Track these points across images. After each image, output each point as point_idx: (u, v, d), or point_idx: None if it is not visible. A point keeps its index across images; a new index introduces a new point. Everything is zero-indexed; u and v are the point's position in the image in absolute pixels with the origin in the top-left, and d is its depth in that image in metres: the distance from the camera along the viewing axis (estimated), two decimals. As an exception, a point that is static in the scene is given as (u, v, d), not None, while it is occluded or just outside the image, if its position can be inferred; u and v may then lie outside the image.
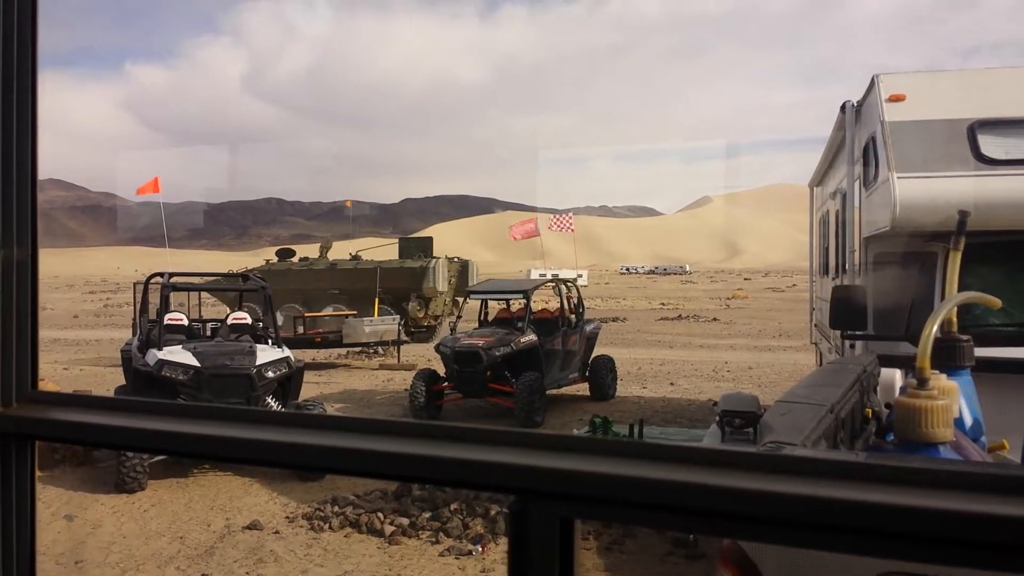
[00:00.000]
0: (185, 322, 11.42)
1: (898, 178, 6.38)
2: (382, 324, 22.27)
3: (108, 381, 16.19)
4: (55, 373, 17.37)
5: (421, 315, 25.04)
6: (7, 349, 0.93)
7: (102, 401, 0.95)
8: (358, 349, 22.50)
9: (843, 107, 8.09)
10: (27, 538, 0.93)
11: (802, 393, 2.75)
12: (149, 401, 0.93)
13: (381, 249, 29.52)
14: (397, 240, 28.87)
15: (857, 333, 6.44)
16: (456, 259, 26.93)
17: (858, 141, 7.91)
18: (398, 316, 23.57)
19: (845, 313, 6.08)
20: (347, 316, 23.35)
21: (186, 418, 0.89)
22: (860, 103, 7.82)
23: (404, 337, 21.95)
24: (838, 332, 7.09)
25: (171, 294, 11.15)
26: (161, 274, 11.76)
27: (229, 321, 11.44)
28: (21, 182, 0.94)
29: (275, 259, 27.72)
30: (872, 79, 7.22)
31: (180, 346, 9.87)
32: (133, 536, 7.49)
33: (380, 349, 22.20)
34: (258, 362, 9.53)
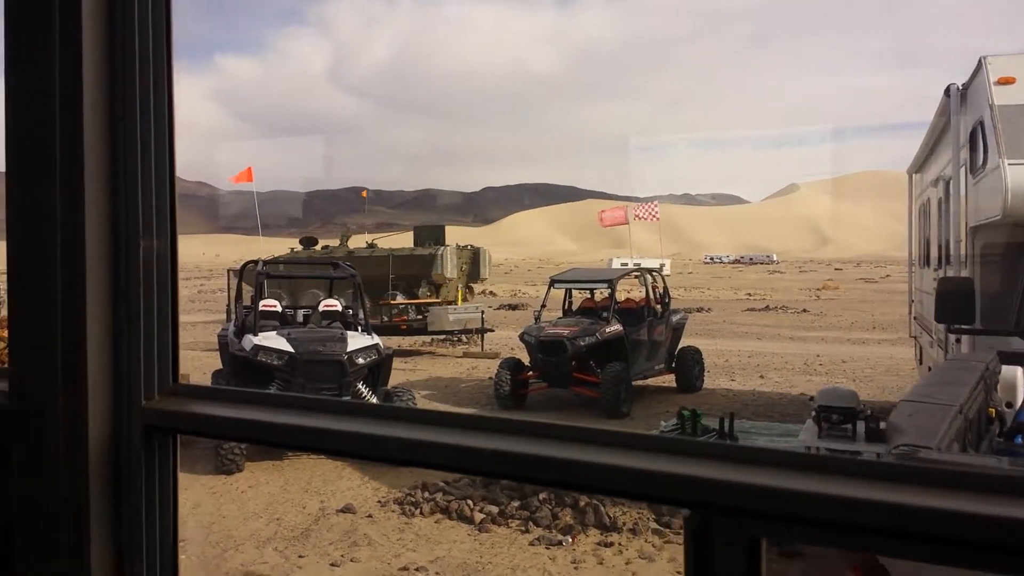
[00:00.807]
0: (279, 308, 11.70)
1: (1009, 164, 6.07)
2: (466, 312, 22.43)
3: (205, 365, 16.74)
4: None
5: (432, 300, 25.43)
6: (149, 342, 0.92)
7: (240, 395, 0.94)
8: (442, 337, 22.73)
9: (947, 91, 7.73)
10: (170, 529, 0.93)
11: (926, 392, 2.61)
12: (288, 396, 0.91)
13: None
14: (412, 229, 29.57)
15: (964, 327, 6.15)
16: (468, 247, 27.48)
17: (963, 126, 7.56)
18: (481, 305, 23.76)
19: (951, 306, 5.82)
20: (431, 304, 23.64)
21: (326, 414, 0.87)
22: (965, 86, 7.46)
23: (488, 326, 22.06)
24: (943, 326, 6.79)
25: (266, 280, 11.43)
26: (255, 261, 12.08)
27: (320, 308, 11.66)
28: (160, 177, 0.93)
29: (299, 247, 28.68)
30: (979, 61, 6.88)
31: (275, 332, 10.12)
32: (232, 516, 7.71)
33: (463, 337, 22.39)
34: (349, 349, 9.70)
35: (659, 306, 15.52)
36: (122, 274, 0.93)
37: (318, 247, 28.41)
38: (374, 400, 9.88)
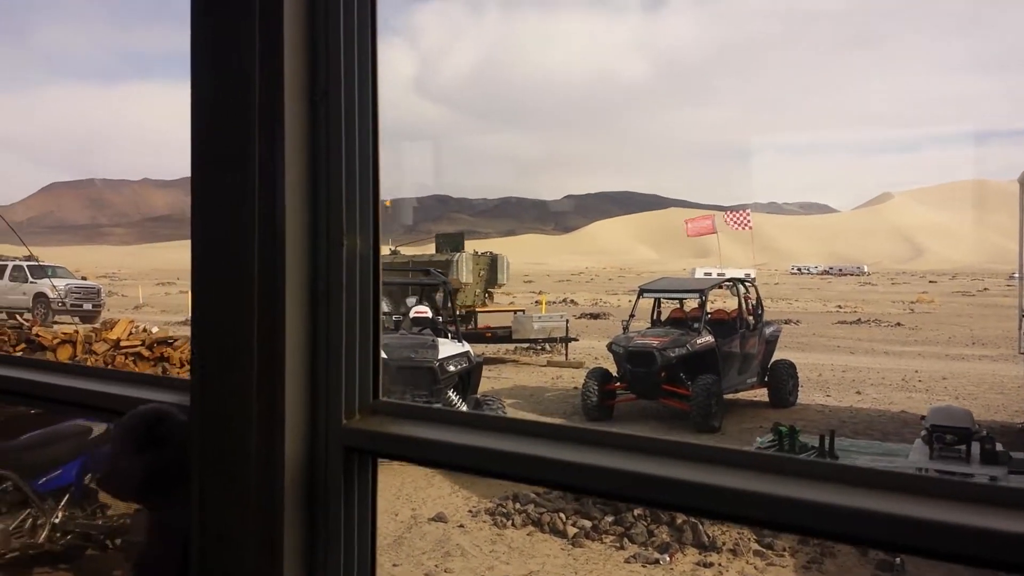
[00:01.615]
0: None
1: None
2: (550, 321, 22.35)
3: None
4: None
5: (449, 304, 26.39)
6: (351, 353, 0.84)
7: (451, 416, 0.84)
8: (525, 345, 22.70)
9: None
10: (368, 562, 0.84)
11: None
12: (511, 419, 0.80)
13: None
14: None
15: None
16: (487, 253, 28.10)
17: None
18: (565, 314, 23.70)
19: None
20: (516, 312, 23.73)
21: (561, 442, 0.75)
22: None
23: (572, 335, 21.92)
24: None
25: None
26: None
27: (411, 314, 11.72)
28: (363, 166, 0.85)
29: None
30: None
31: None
32: (325, 520, 7.76)
33: (547, 346, 22.29)
34: (440, 356, 9.70)
35: (751, 317, 15.12)
36: (322, 276, 0.85)
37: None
38: (464, 408, 9.85)
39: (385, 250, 30.82)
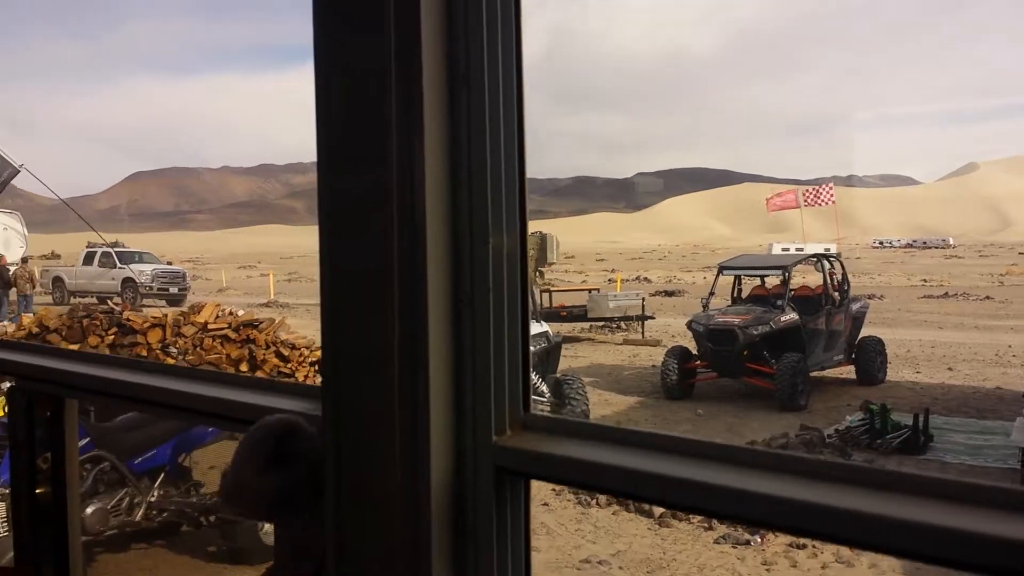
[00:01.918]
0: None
1: None
2: (626, 299, 22.16)
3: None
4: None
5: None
6: (500, 361, 0.76)
7: (609, 432, 0.75)
8: (600, 324, 22.56)
9: None
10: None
11: None
12: (674, 437, 0.71)
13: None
14: None
15: None
16: (536, 233, 30.02)
17: None
18: (640, 292, 23.50)
19: None
20: (591, 291, 23.61)
21: (723, 463, 0.66)
22: None
23: (647, 313, 21.67)
24: None
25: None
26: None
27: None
28: (508, 159, 0.76)
29: None
30: None
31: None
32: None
33: (623, 324, 22.11)
34: (519, 336, 9.66)
35: (837, 293, 14.67)
36: (465, 278, 0.77)
37: None
38: (544, 387, 9.81)
39: None
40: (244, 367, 10.34)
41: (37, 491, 1.29)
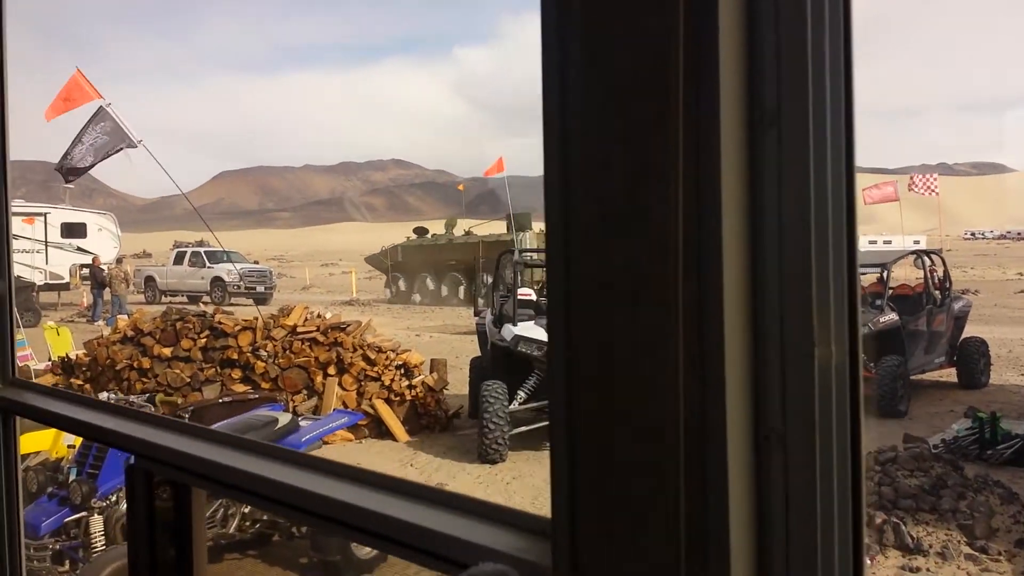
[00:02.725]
0: (533, 297, 11.67)
1: None
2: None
3: (457, 349, 17.25)
4: (408, 338, 18.81)
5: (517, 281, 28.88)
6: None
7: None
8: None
9: None
10: None
11: None
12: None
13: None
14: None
15: None
16: None
17: None
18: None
19: None
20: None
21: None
22: None
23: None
24: None
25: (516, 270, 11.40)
26: (511, 251, 12.12)
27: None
28: (835, 148, 0.56)
29: (414, 236, 33.95)
30: None
31: (532, 322, 10.03)
32: (501, 510, 7.66)
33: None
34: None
35: (939, 292, 13.95)
36: (774, 411, 0.56)
37: (429, 235, 33.47)
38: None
39: (459, 231, 33.77)
40: (332, 370, 10.37)
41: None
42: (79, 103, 12.99)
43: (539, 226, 30.79)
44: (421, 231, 34.42)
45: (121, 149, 12.70)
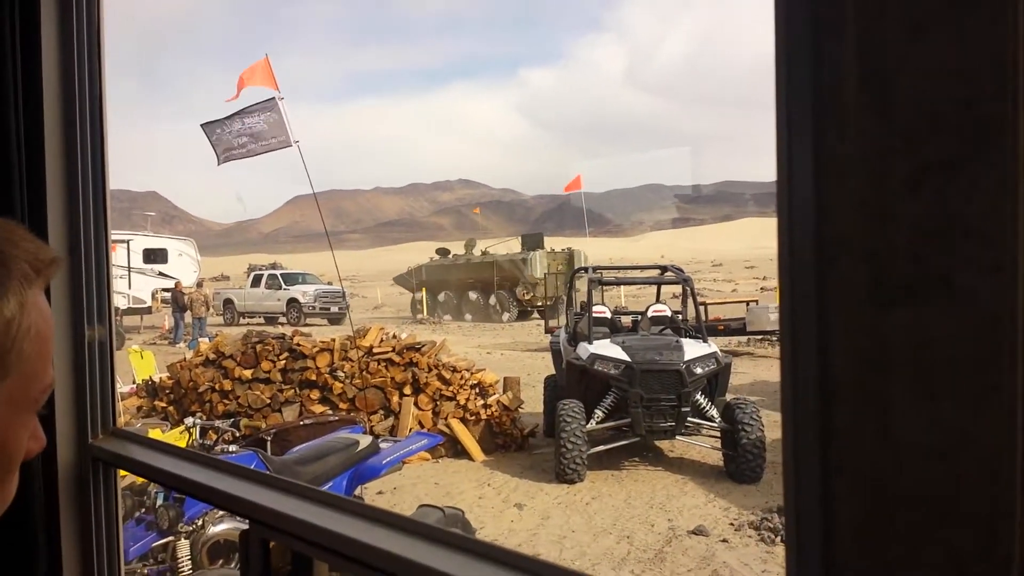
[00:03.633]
0: (608, 314, 11.54)
1: None
2: (788, 311, 21.12)
3: (529, 367, 17.18)
4: (479, 357, 18.81)
5: (528, 297, 31.60)
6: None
7: None
8: (759, 337, 21.64)
9: None
10: None
11: None
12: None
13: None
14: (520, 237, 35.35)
15: None
16: (565, 250, 33.29)
17: None
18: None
19: None
20: (748, 303, 22.75)
21: None
22: None
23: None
24: None
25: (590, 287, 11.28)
26: (586, 269, 12.02)
27: (649, 313, 11.31)
28: None
29: (436, 256, 36.17)
30: None
31: (608, 340, 9.90)
32: (581, 531, 7.54)
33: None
34: (687, 357, 9.21)
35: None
36: None
37: (450, 255, 35.58)
38: (714, 412, 9.32)
39: (478, 251, 35.79)
40: (408, 390, 10.40)
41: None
42: (257, 84, 13.44)
43: (550, 245, 33.92)
44: (443, 252, 36.60)
45: (274, 146, 12.98)
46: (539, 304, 30.77)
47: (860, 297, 0.53)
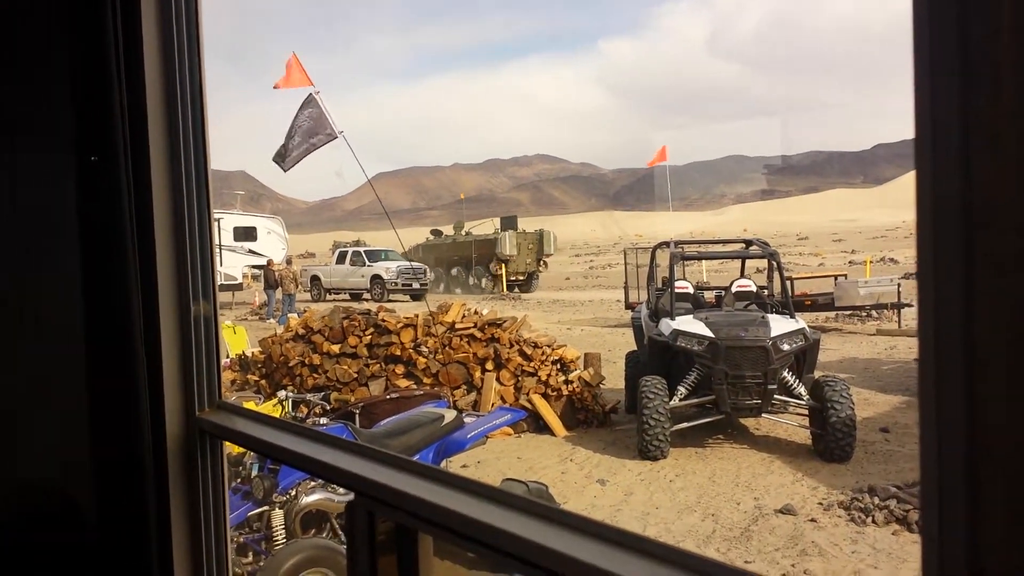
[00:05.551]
0: (690, 290, 11.37)
1: None
2: (879, 285, 20.45)
3: (609, 343, 17.11)
4: (559, 332, 18.79)
5: (501, 272, 35.41)
6: None
7: None
8: (847, 312, 21.04)
9: None
10: None
11: None
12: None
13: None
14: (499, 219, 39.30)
15: None
16: (538, 230, 37.45)
17: None
18: (896, 277, 21.68)
19: None
20: (837, 277, 22.12)
21: None
22: None
23: (905, 300, 19.85)
24: None
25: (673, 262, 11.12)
26: (668, 243, 11.86)
27: (733, 289, 11.09)
28: None
29: (431, 236, 40.67)
30: None
31: (691, 316, 9.76)
32: (666, 508, 7.50)
33: (874, 312, 20.45)
34: (773, 333, 9.01)
35: None
36: None
37: (442, 235, 39.76)
38: (801, 390, 9.11)
39: (461, 231, 38.04)
40: (490, 365, 10.48)
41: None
42: (295, 85, 13.71)
43: (522, 226, 38.02)
44: (437, 232, 40.74)
45: (323, 141, 13.25)
46: (512, 278, 35.70)
47: (1010, 268, 0.49)
